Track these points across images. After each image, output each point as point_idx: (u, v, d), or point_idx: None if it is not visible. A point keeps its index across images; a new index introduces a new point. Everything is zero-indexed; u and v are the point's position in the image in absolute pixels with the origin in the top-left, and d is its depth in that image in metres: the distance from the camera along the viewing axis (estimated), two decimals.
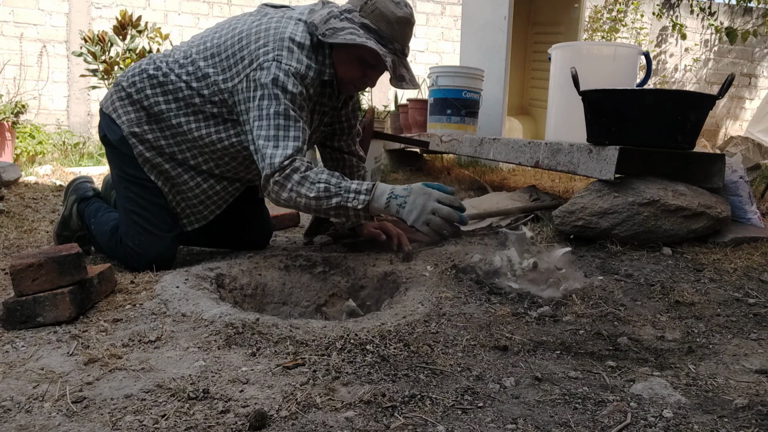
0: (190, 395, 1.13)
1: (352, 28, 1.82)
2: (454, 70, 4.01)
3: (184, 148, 1.99)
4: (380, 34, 1.84)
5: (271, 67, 1.81)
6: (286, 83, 1.81)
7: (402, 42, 1.89)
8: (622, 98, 2.20)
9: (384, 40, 1.84)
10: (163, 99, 1.95)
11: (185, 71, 1.93)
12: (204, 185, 2.05)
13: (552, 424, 1.07)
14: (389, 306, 1.77)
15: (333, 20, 1.84)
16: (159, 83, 1.95)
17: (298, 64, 1.83)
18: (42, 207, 3.09)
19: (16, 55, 6.24)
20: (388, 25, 1.84)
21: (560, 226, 2.20)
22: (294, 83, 1.82)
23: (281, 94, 1.81)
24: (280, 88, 1.80)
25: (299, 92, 1.83)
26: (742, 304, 1.71)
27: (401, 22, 1.85)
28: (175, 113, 1.95)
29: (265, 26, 1.87)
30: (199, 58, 1.93)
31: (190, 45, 2.00)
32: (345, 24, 1.83)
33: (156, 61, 1.99)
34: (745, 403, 1.15)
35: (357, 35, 1.80)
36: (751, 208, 2.35)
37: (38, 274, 1.50)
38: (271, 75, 1.80)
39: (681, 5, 8.44)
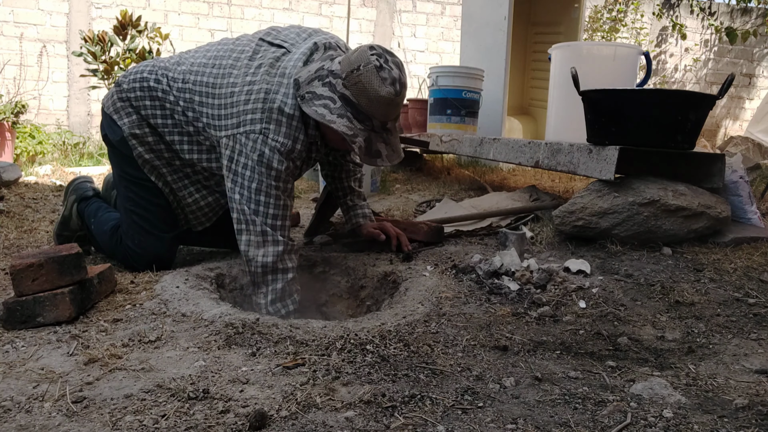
0: (190, 395, 1.13)
1: (328, 99, 1.73)
2: (454, 70, 4.01)
3: (177, 159, 1.99)
4: (358, 109, 1.73)
5: (257, 141, 1.76)
6: (271, 161, 1.76)
7: (383, 118, 1.77)
8: (622, 98, 2.20)
9: (361, 116, 1.74)
10: (160, 113, 1.94)
11: (182, 98, 1.91)
12: (196, 195, 2.05)
13: (552, 424, 1.07)
14: (389, 306, 1.77)
15: (315, 83, 1.74)
16: (157, 98, 1.94)
17: (285, 139, 1.76)
18: (42, 207, 3.09)
19: (16, 55, 6.24)
20: (368, 102, 1.72)
21: (560, 226, 2.20)
22: (279, 160, 1.77)
23: (266, 171, 1.77)
24: (265, 166, 1.76)
25: (285, 168, 1.79)
26: (742, 304, 1.70)
27: (382, 101, 1.72)
28: (169, 130, 1.95)
29: (257, 87, 1.78)
30: (195, 91, 1.89)
31: (189, 67, 1.93)
32: (324, 91, 1.73)
33: (157, 73, 1.96)
34: (745, 403, 1.15)
35: (329, 110, 1.72)
36: (751, 208, 2.35)
37: (38, 274, 1.50)
38: (257, 151, 1.76)
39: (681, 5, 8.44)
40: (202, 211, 2.09)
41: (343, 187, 2.25)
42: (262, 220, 1.79)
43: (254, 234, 1.79)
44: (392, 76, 1.72)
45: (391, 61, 1.74)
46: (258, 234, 1.79)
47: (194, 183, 2.04)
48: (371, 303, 2.00)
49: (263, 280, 1.82)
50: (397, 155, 1.84)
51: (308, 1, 7.10)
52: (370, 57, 1.71)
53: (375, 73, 1.70)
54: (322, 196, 2.39)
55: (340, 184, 2.25)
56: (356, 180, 2.26)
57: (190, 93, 1.90)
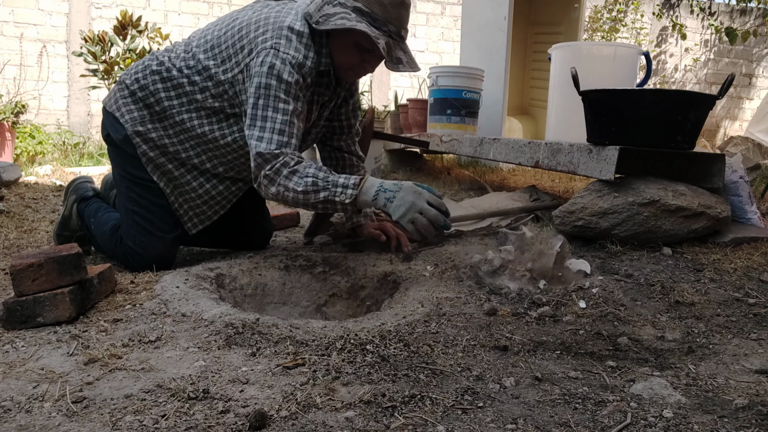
0: (190, 395, 1.13)
1: (344, 13, 1.80)
2: (454, 70, 4.01)
3: (188, 146, 1.99)
4: (373, 17, 1.80)
5: (269, 54, 1.80)
6: (281, 72, 1.79)
7: (397, 24, 1.85)
8: (622, 98, 2.20)
9: (377, 22, 1.81)
10: (166, 95, 1.95)
11: (186, 65, 1.93)
12: (207, 185, 2.05)
13: (552, 424, 1.07)
14: (389, 306, 1.77)
15: (326, 7, 1.82)
16: (162, 78, 1.95)
17: (296, 52, 1.82)
18: (42, 207, 3.09)
19: (16, 55, 6.24)
20: (381, 7, 1.80)
21: (560, 226, 2.20)
22: (290, 72, 1.80)
23: (275, 83, 1.79)
24: (275, 77, 1.79)
25: (295, 81, 1.81)
26: (742, 304, 1.70)
27: (394, 3, 1.81)
28: (178, 109, 1.95)
29: (265, 15, 1.87)
30: (199, 51, 1.93)
31: (191, 39, 2.00)
32: (337, 9, 1.80)
33: (158, 57, 2.00)
34: (745, 403, 1.15)
35: (347, 19, 1.78)
36: (751, 208, 2.35)
37: (38, 274, 1.50)
38: (268, 63, 1.79)
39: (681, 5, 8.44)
40: (215, 200, 2.08)
41: None
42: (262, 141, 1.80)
43: (254, 157, 1.82)
44: None
45: None
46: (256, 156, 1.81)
47: (203, 173, 2.04)
48: (371, 303, 2.00)
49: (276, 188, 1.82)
50: (416, 65, 1.90)
51: None
52: None
53: None
54: None
55: None
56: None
57: (194, 58, 1.93)
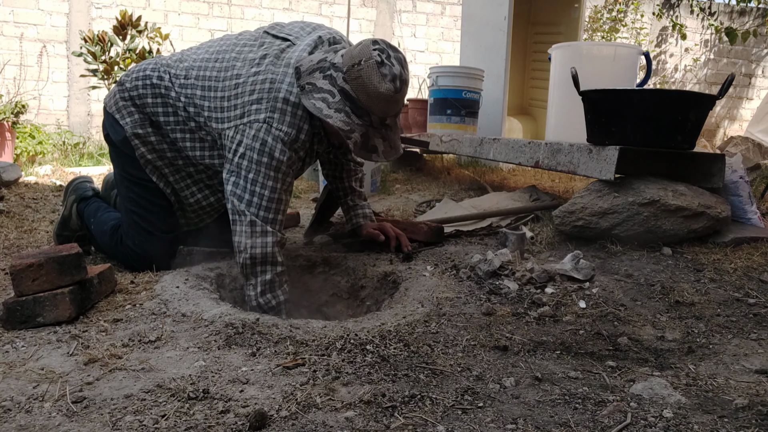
0: (190, 395, 1.13)
1: (327, 93, 1.72)
2: (454, 70, 4.01)
3: (182, 156, 1.99)
4: (357, 104, 1.72)
5: (261, 129, 1.76)
6: (273, 150, 1.76)
7: (382, 114, 1.76)
8: (622, 98, 2.20)
9: (359, 111, 1.73)
10: (162, 111, 1.94)
11: (184, 93, 1.91)
12: (198, 195, 2.06)
13: (552, 424, 1.07)
14: (389, 306, 1.77)
15: (316, 74, 1.74)
16: (161, 95, 1.94)
17: (289, 128, 1.77)
18: (42, 207, 3.09)
19: (16, 55, 6.24)
20: (368, 98, 1.71)
21: (560, 226, 2.20)
22: (281, 150, 1.77)
23: (266, 161, 1.76)
24: (267, 155, 1.76)
25: (287, 158, 1.78)
26: (742, 304, 1.70)
27: (381, 98, 1.71)
28: (171, 128, 1.95)
29: (262, 78, 1.79)
30: (197, 86, 1.89)
31: (192, 63, 1.94)
32: (324, 84, 1.73)
33: (159, 70, 1.97)
34: (745, 403, 1.15)
35: (327, 104, 1.71)
36: (751, 208, 2.35)
37: (38, 274, 1.50)
38: (260, 138, 1.76)
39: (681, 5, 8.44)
40: (204, 210, 2.09)
41: (344, 187, 2.25)
42: (253, 211, 1.79)
43: (244, 224, 1.80)
44: (393, 73, 1.71)
45: (394, 57, 1.74)
46: (247, 224, 1.80)
47: (197, 183, 2.04)
48: (371, 303, 2.00)
49: (252, 272, 1.82)
50: (395, 151, 1.83)
51: (308, 1, 7.10)
52: (372, 52, 1.70)
53: (376, 69, 1.69)
54: (322, 195, 2.39)
55: (341, 184, 2.25)
56: (357, 180, 2.26)
57: (192, 88, 1.90)
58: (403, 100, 1.81)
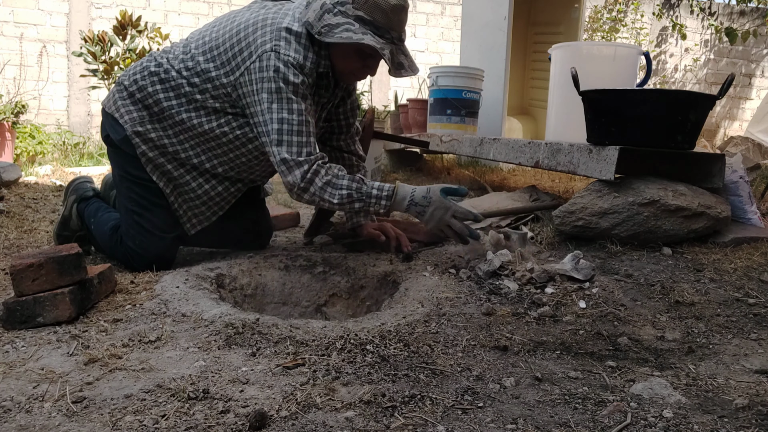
0: (190, 395, 1.13)
1: (347, 24, 1.80)
2: (454, 70, 4.01)
3: (188, 146, 1.99)
4: (376, 25, 1.81)
5: (270, 57, 1.81)
6: (287, 74, 1.81)
7: (399, 29, 1.87)
8: (622, 98, 2.20)
9: (380, 30, 1.82)
10: (164, 96, 1.95)
11: (185, 66, 1.93)
12: (206, 186, 2.05)
13: (552, 424, 1.07)
14: (389, 306, 1.77)
15: (327, 15, 1.82)
16: (161, 80, 1.95)
17: (296, 54, 1.83)
18: (42, 207, 3.09)
19: (16, 55, 6.24)
20: (383, 14, 1.81)
21: (560, 226, 2.20)
22: (295, 73, 1.82)
23: (284, 87, 1.81)
24: (281, 80, 1.81)
25: (301, 81, 1.83)
26: (742, 304, 1.71)
27: (396, 10, 1.82)
28: (177, 110, 1.95)
29: (263, 17, 1.87)
30: (198, 53, 1.93)
31: (189, 40, 2.00)
32: (339, 19, 1.80)
33: (157, 58, 1.99)
34: (745, 403, 1.15)
35: (353, 32, 1.79)
36: (751, 208, 2.35)
37: (38, 274, 1.50)
38: (272, 66, 1.81)
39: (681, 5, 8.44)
40: (214, 200, 2.08)
41: None
42: (283, 146, 1.85)
43: (277, 164, 1.87)
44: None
45: None
46: (280, 163, 1.86)
47: (203, 174, 2.04)
48: (371, 303, 2.00)
49: (311, 199, 1.91)
50: (416, 67, 1.93)
51: None
52: None
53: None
54: None
55: None
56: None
57: (193, 60, 1.93)
58: None
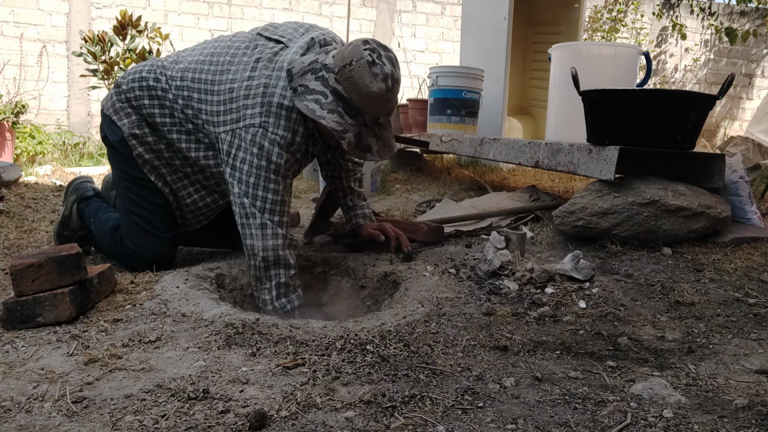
0: (190, 395, 1.13)
1: (320, 94, 1.73)
2: (454, 70, 4.01)
3: (181, 156, 1.99)
4: (349, 104, 1.72)
5: (257, 134, 1.77)
6: (270, 154, 1.77)
7: (375, 114, 1.76)
8: (622, 98, 2.20)
9: (352, 111, 1.73)
10: (159, 112, 1.95)
11: (181, 96, 1.92)
12: (195, 196, 2.05)
13: (552, 424, 1.07)
14: (389, 306, 1.77)
15: (308, 75, 1.74)
16: (157, 96, 1.94)
17: (285, 132, 1.78)
18: (42, 207, 3.09)
19: (16, 55, 6.24)
20: (360, 98, 1.71)
21: (560, 226, 2.20)
22: (279, 153, 1.78)
23: (265, 164, 1.78)
24: (265, 158, 1.77)
25: (284, 161, 1.80)
26: (742, 304, 1.70)
27: (374, 97, 1.71)
28: (168, 129, 1.95)
29: (256, 82, 1.80)
30: (194, 88, 1.90)
31: (188, 65, 1.94)
32: (317, 85, 1.73)
33: (156, 72, 1.97)
34: (745, 403, 1.15)
35: (320, 105, 1.72)
36: (751, 208, 2.35)
37: (38, 274, 1.50)
38: (257, 143, 1.77)
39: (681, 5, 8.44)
40: (201, 211, 2.09)
41: (343, 187, 2.25)
42: (261, 214, 1.80)
43: (255, 227, 1.80)
44: (384, 72, 1.71)
45: (385, 56, 1.73)
46: (258, 227, 1.80)
47: (193, 183, 2.04)
48: (371, 303, 2.00)
49: (266, 275, 1.83)
50: (389, 150, 1.84)
51: (308, 1, 7.10)
52: (363, 52, 1.71)
53: (367, 68, 1.69)
54: (322, 196, 2.39)
55: (340, 184, 2.25)
56: (356, 180, 2.26)
57: (188, 90, 1.91)
58: (396, 99, 1.81)
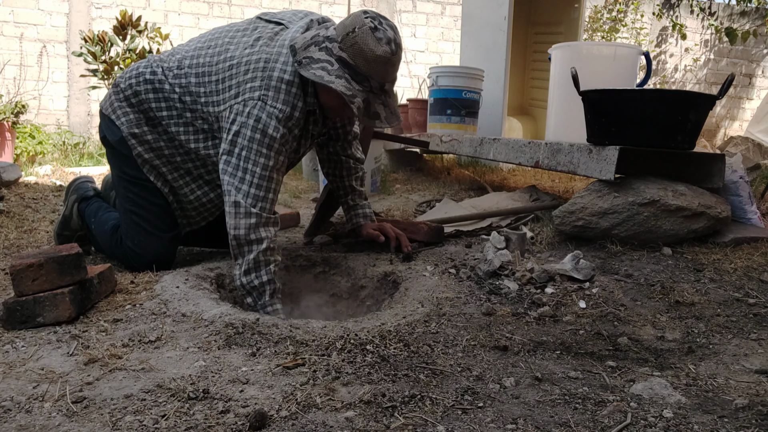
0: (190, 395, 1.13)
1: (326, 62, 1.74)
2: (454, 70, 4.01)
3: (182, 151, 1.99)
4: (356, 70, 1.74)
5: (255, 106, 1.77)
6: (267, 126, 1.77)
7: (380, 79, 1.78)
8: (622, 98, 2.20)
9: (359, 77, 1.75)
10: (156, 106, 1.95)
11: (178, 83, 1.92)
12: (198, 192, 2.05)
13: (552, 424, 1.07)
14: (389, 306, 1.77)
15: (312, 48, 1.76)
16: (155, 89, 1.95)
17: (283, 105, 1.78)
18: (42, 207, 3.09)
19: (16, 55, 6.24)
20: (366, 62, 1.73)
21: (560, 226, 2.20)
22: (275, 127, 1.78)
23: (259, 137, 1.77)
24: (260, 131, 1.77)
25: (280, 136, 1.79)
26: (742, 304, 1.70)
27: (379, 61, 1.74)
28: (167, 121, 1.96)
29: (256, 57, 1.81)
30: (191, 74, 1.91)
31: (185, 54, 1.96)
32: (321, 55, 1.75)
33: (153, 65, 1.98)
34: (745, 403, 1.15)
35: (327, 71, 1.73)
36: (751, 208, 2.35)
37: (38, 274, 1.50)
38: (254, 115, 1.77)
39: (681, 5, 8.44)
40: (205, 207, 2.09)
41: (344, 186, 2.25)
42: (243, 190, 1.79)
43: (228, 204, 1.81)
44: (387, 36, 1.75)
45: (386, 23, 1.78)
46: (231, 205, 1.80)
47: (196, 179, 2.04)
48: (371, 303, 2.00)
49: (238, 252, 1.82)
50: (396, 117, 1.86)
51: (308, 1, 7.10)
52: (365, 20, 1.75)
53: (370, 33, 1.73)
54: (322, 195, 2.39)
55: (341, 183, 2.25)
56: (357, 179, 2.26)
57: (186, 77, 1.92)
58: (399, 65, 1.84)
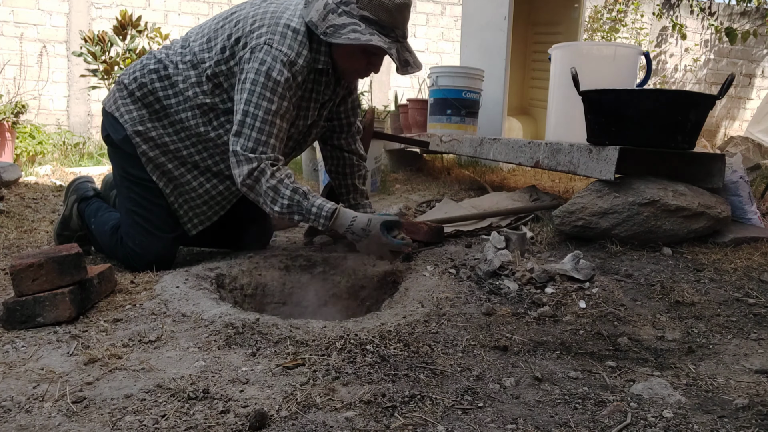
0: (190, 395, 1.13)
1: (353, 24, 1.78)
2: (454, 70, 4.01)
3: (188, 143, 1.99)
4: (381, 24, 1.80)
5: (261, 50, 1.80)
6: (271, 69, 1.79)
7: (403, 27, 1.86)
8: (622, 98, 2.20)
9: (385, 29, 1.81)
10: (164, 94, 1.96)
11: (182, 60, 1.95)
12: (207, 185, 2.05)
13: (552, 424, 1.07)
14: (389, 306, 1.77)
15: (331, 16, 1.80)
16: (160, 77, 1.96)
17: (288, 50, 1.81)
18: (42, 207, 3.09)
19: (16, 55, 6.24)
20: (388, 14, 1.79)
21: (560, 226, 2.20)
22: (280, 70, 1.80)
23: (262, 80, 1.79)
24: (263, 74, 1.79)
25: (284, 79, 1.81)
26: (742, 304, 1.71)
27: (400, 8, 1.81)
28: (175, 108, 1.96)
29: (263, 11, 1.87)
30: (196, 45, 1.94)
31: (188, 34, 2.02)
32: (345, 19, 1.79)
33: (156, 55, 2.01)
34: (745, 403, 1.15)
35: (360, 32, 1.78)
36: (751, 208, 2.35)
37: (38, 274, 1.50)
38: (259, 58, 1.80)
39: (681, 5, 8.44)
40: (215, 200, 2.08)
41: (346, 185, 2.25)
42: (241, 137, 1.82)
43: (230, 153, 1.85)
44: None
45: None
46: (231, 154, 1.84)
47: (204, 172, 2.03)
48: (371, 303, 2.00)
49: (254, 194, 1.87)
50: (419, 63, 1.92)
51: None
52: None
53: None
54: (322, 194, 2.39)
55: (344, 181, 2.25)
56: (360, 177, 2.26)
57: (191, 53, 1.94)
58: None
